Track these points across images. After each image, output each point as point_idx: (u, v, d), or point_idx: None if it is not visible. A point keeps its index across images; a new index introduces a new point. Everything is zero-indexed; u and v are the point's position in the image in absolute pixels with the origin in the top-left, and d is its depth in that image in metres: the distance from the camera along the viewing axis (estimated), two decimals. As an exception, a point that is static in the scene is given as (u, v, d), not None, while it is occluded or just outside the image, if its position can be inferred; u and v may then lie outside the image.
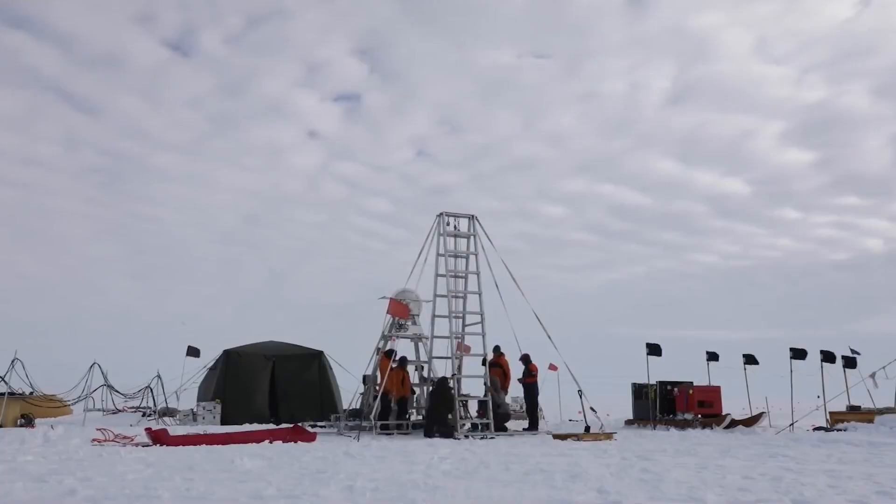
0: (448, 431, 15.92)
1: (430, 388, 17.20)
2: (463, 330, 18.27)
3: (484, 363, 17.40)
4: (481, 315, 17.85)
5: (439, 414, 16.32)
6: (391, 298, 17.68)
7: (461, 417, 17.00)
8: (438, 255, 18.17)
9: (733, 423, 18.61)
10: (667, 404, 19.50)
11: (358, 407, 18.18)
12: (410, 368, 18.31)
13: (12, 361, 20.46)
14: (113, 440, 13.58)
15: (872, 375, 18.66)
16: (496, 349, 18.29)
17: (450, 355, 17.35)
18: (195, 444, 13.13)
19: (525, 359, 18.41)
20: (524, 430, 17.89)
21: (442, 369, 17.73)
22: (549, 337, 18.16)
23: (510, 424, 18.22)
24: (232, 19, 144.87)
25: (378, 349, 18.18)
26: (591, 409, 17.85)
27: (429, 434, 15.94)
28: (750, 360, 20.35)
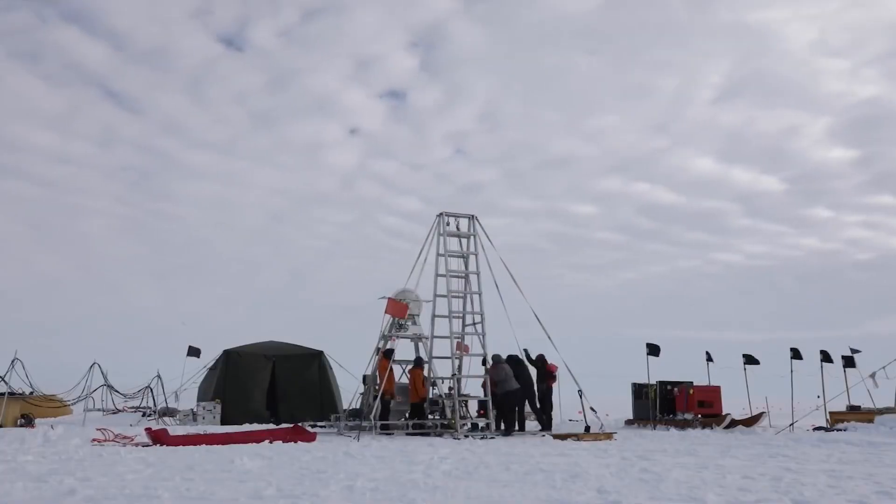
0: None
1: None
2: (463, 330, 18.28)
3: (484, 363, 17.39)
4: (481, 315, 17.85)
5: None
6: (389, 298, 17.68)
7: (462, 417, 17.02)
8: (438, 255, 18.17)
9: (733, 423, 18.61)
10: (667, 404, 19.50)
11: (358, 407, 18.19)
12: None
13: (12, 361, 20.47)
14: (113, 440, 13.59)
15: (872, 375, 18.67)
16: (525, 352, 18.26)
17: (450, 355, 17.38)
18: (195, 444, 13.13)
19: (541, 360, 18.34)
20: (538, 430, 17.91)
21: (442, 369, 17.76)
22: (549, 337, 18.16)
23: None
24: (288, 11, 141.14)
25: (378, 349, 18.18)
26: (591, 409, 17.85)
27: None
28: (750, 360, 20.36)
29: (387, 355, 17.19)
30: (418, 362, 17.63)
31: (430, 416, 17.64)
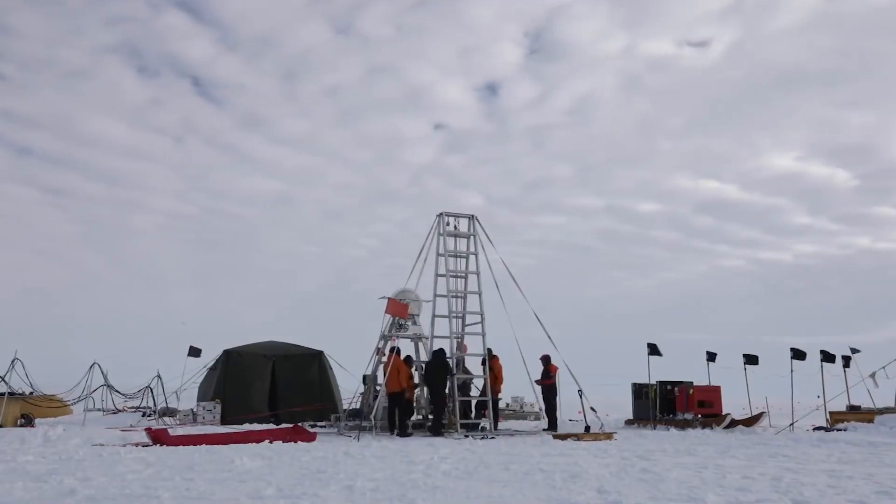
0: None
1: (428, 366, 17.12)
2: (463, 330, 18.29)
3: (483, 363, 17.40)
4: (481, 315, 17.86)
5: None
6: (390, 298, 17.68)
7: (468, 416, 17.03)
8: (438, 255, 18.19)
9: (733, 423, 18.61)
10: (667, 404, 19.50)
11: (358, 407, 18.19)
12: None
13: (12, 361, 20.47)
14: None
15: (872, 375, 18.68)
16: (488, 351, 18.32)
17: (450, 355, 17.37)
18: (195, 444, 13.13)
19: (545, 359, 18.42)
20: (543, 430, 17.93)
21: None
22: (549, 337, 18.18)
23: (517, 424, 18.31)
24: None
25: (378, 349, 18.17)
26: (592, 408, 17.87)
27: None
28: (750, 360, 20.36)
29: (398, 352, 17.11)
30: (397, 351, 17.27)
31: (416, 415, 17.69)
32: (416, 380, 17.77)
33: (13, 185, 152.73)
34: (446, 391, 16.74)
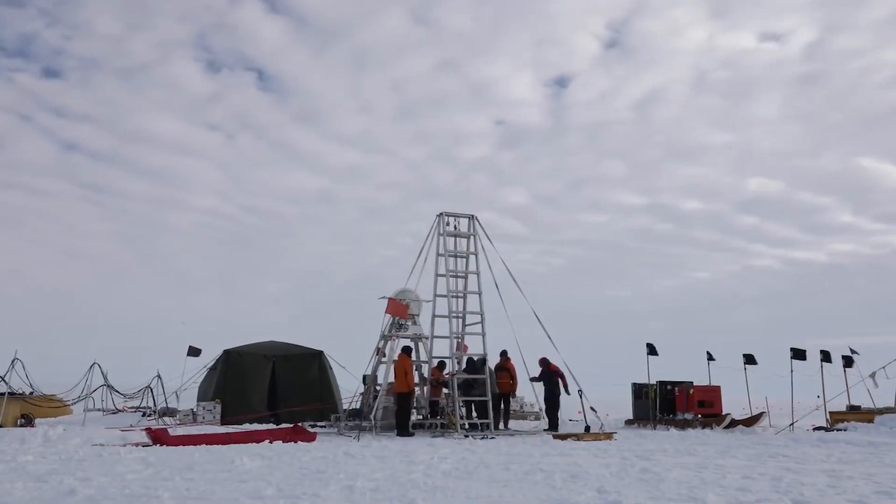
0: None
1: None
2: (463, 330, 18.29)
3: (483, 363, 17.39)
4: (481, 315, 17.86)
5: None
6: (390, 298, 17.68)
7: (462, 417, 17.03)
8: (438, 255, 18.20)
9: (733, 423, 18.61)
10: (667, 404, 19.50)
11: (358, 407, 18.20)
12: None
13: (12, 361, 20.46)
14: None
15: (872, 375, 18.67)
16: (503, 353, 18.36)
17: (450, 355, 17.39)
18: (195, 444, 13.13)
19: (543, 362, 18.42)
20: (544, 430, 17.93)
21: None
22: (549, 336, 18.19)
23: (517, 424, 18.29)
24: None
25: (378, 349, 18.18)
26: (592, 408, 17.87)
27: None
28: (750, 360, 20.36)
29: (408, 353, 17.14)
30: (407, 351, 17.34)
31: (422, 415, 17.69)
32: (417, 379, 17.78)
33: (54, 181, 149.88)
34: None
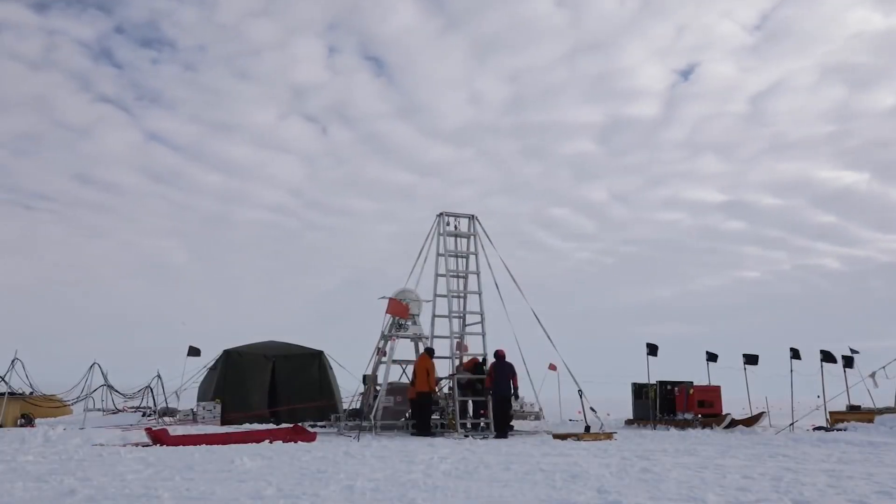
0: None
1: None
2: (463, 330, 18.29)
3: (483, 363, 17.39)
4: (481, 315, 17.86)
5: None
6: (391, 298, 17.69)
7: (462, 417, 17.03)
8: (438, 254, 18.21)
9: (733, 423, 18.61)
10: (667, 404, 19.50)
11: (358, 407, 18.20)
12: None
13: (12, 361, 20.48)
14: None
15: (872, 375, 18.67)
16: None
17: (450, 355, 17.38)
18: (195, 444, 13.13)
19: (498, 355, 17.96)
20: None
21: (442, 369, 17.75)
22: (549, 336, 18.20)
23: (517, 424, 18.25)
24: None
25: (378, 349, 18.18)
26: (591, 409, 17.88)
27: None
28: (750, 360, 20.37)
29: (430, 353, 17.06)
30: (429, 352, 17.23)
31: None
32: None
33: (130, 175, 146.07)
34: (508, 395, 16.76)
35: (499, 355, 16.70)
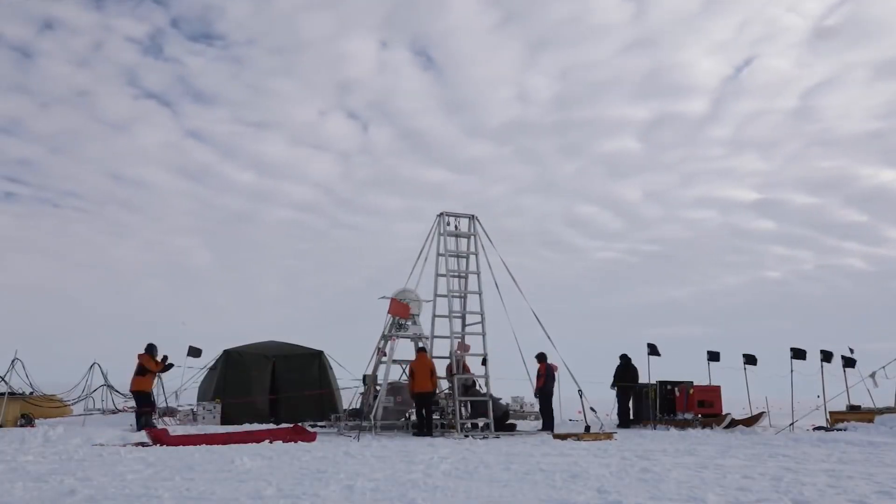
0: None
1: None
2: (463, 330, 18.29)
3: (484, 363, 17.40)
4: (481, 315, 17.86)
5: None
6: (392, 298, 17.69)
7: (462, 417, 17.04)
8: (439, 254, 18.21)
9: (733, 423, 18.61)
10: (667, 404, 19.50)
11: (358, 407, 18.20)
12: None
13: (12, 361, 20.46)
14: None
15: (872, 375, 18.67)
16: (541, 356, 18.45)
17: (450, 355, 17.38)
18: (195, 444, 13.13)
19: (540, 357, 18.41)
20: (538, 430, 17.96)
21: (441, 369, 17.75)
22: (549, 336, 18.19)
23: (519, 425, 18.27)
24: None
25: (378, 349, 18.18)
26: (591, 408, 17.88)
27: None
28: (750, 360, 20.37)
29: (425, 352, 17.06)
30: (424, 350, 17.27)
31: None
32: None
33: (160, 172, 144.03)
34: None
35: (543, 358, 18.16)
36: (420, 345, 17.54)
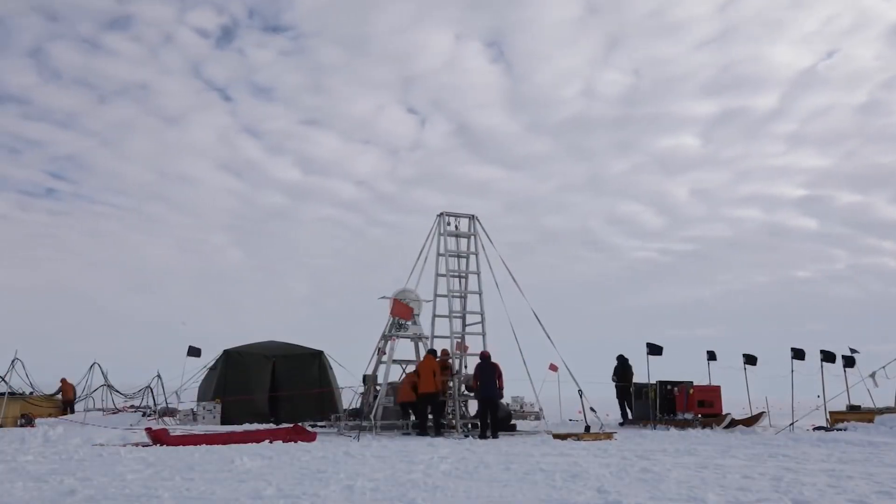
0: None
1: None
2: (463, 330, 18.28)
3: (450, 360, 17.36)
4: (481, 315, 17.86)
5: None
6: (394, 299, 17.68)
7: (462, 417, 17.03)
8: (439, 254, 18.20)
9: (733, 423, 18.61)
10: (667, 404, 19.50)
11: (358, 407, 18.20)
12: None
13: (12, 361, 20.50)
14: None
15: (872, 375, 18.67)
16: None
17: (449, 355, 17.37)
18: (195, 444, 13.13)
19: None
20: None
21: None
22: (549, 336, 18.19)
23: (519, 425, 18.24)
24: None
25: (378, 349, 18.17)
26: (591, 409, 17.87)
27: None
28: (750, 360, 20.37)
29: (434, 355, 16.99)
30: (434, 353, 17.12)
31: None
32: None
33: (205, 168, 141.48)
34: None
35: (483, 356, 16.47)
36: (425, 346, 17.51)
